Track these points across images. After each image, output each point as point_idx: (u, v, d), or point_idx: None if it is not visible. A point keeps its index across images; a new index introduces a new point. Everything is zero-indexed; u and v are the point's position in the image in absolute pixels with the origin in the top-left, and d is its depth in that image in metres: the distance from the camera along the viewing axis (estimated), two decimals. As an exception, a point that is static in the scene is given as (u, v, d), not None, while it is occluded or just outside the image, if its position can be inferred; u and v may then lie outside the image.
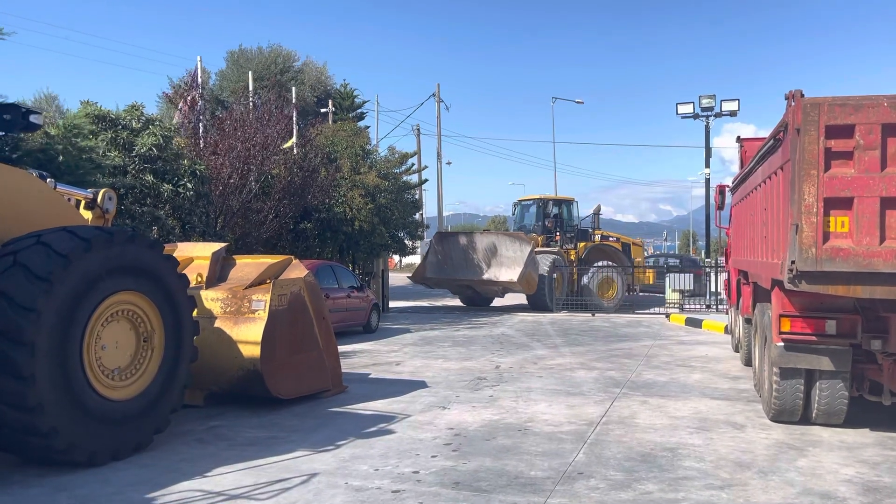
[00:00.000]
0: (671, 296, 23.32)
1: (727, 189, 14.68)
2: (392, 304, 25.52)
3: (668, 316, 21.24)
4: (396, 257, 32.28)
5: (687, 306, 23.00)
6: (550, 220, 24.84)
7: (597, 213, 25.45)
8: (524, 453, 6.70)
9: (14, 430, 5.72)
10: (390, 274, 33.32)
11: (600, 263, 23.99)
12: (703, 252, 32.50)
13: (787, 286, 6.70)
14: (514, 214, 26.78)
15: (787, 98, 6.71)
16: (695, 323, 19.11)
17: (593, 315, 21.80)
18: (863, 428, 7.67)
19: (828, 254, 6.39)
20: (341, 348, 13.99)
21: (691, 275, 23.48)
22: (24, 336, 5.56)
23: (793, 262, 6.51)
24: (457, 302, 26.00)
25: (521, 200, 26.46)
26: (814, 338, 7.23)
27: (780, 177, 7.27)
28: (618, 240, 26.77)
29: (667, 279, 23.88)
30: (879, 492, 5.67)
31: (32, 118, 6.04)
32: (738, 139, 13.43)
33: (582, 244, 24.85)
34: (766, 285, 8.18)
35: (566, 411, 8.52)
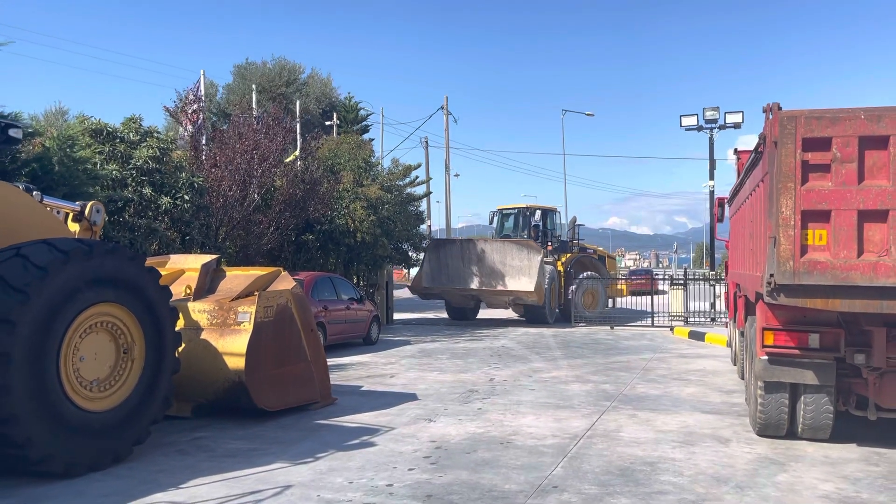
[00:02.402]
0: (676, 308, 23.17)
1: (726, 201, 14.62)
2: (397, 315, 25.51)
3: (672, 329, 21.12)
4: (406, 269, 32.21)
5: (692, 319, 22.84)
6: (533, 228, 24.23)
7: (573, 224, 25.11)
8: (502, 467, 6.68)
9: (-11, 440, 5.77)
10: (399, 286, 33.40)
11: (585, 275, 23.76)
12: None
13: (767, 299, 6.66)
14: (492, 223, 25.87)
15: (764, 111, 6.70)
16: (698, 336, 18.99)
17: (612, 328, 21.66)
18: (850, 443, 7.58)
19: (805, 267, 6.36)
20: (338, 360, 14.07)
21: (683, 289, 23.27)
22: (0, 346, 5.62)
23: (771, 275, 6.48)
24: (483, 314, 25.10)
25: (500, 209, 25.68)
26: (797, 351, 7.18)
27: (761, 189, 7.24)
28: (594, 252, 26.48)
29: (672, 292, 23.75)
30: (855, 508, 5.61)
31: (12, 132, 6.14)
32: (735, 151, 13.40)
33: (566, 255, 24.40)
34: (753, 298, 8.13)
35: (552, 424, 8.48)
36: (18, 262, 5.95)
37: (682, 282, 23.52)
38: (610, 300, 25.81)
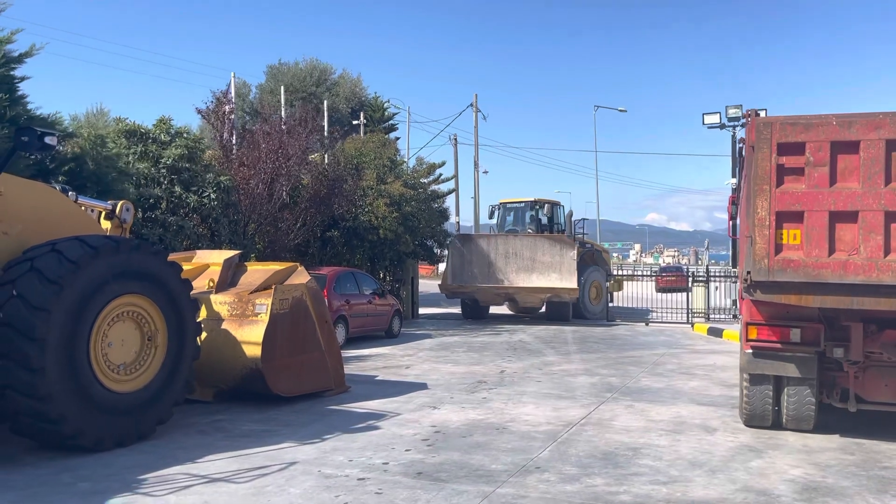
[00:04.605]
0: (698, 305, 23.32)
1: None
2: (422, 310, 26.00)
3: (692, 325, 21.36)
4: (431, 264, 32.61)
5: (716, 316, 22.96)
6: (536, 223, 23.88)
7: (570, 218, 24.95)
8: (493, 449, 7.17)
9: (27, 416, 6.44)
10: (427, 281, 33.94)
11: (589, 269, 23.54)
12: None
13: (744, 295, 7.04)
14: (491, 217, 25.05)
15: (744, 116, 7.06)
16: (716, 332, 19.22)
17: (647, 324, 21.91)
18: (833, 434, 7.90)
19: (779, 265, 6.72)
20: (358, 352, 14.67)
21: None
22: (36, 332, 6.28)
23: (748, 273, 6.86)
24: (494, 310, 24.62)
25: (503, 203, 24.98)
26: (779, 345, 7.54)
27: (744, 190, 7.61)
28: (592, 246, 26.36)
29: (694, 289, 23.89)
30: (817, 491, 5.97)
31: (47, 140, 6.78)
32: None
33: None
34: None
35: (550, 413, 8.94)
36: (53, 257, 6.60)
37: (704, 279, 23.68)
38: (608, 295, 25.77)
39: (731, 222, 16.39)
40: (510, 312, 25.05)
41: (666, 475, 6.35)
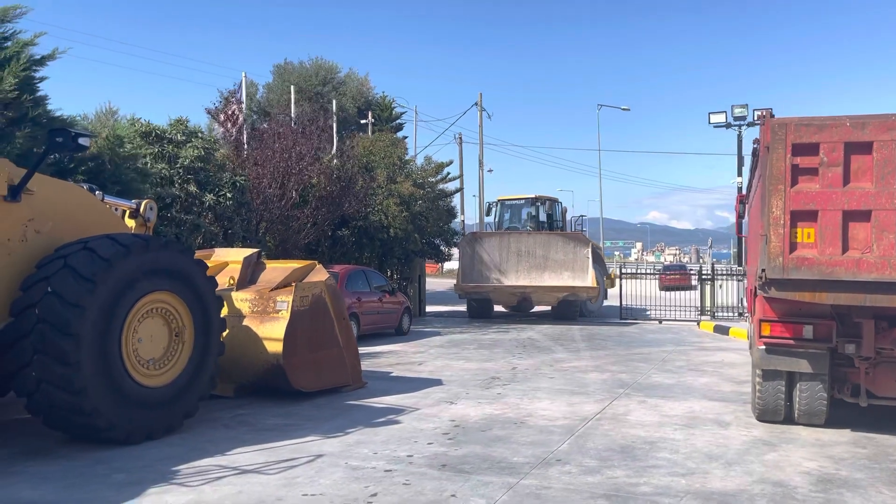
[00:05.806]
0: (704, 303, 23.49)
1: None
2: (430, 308, 26.22)
3: (698, 323, 21.52)
4: (438, 262, 32.74)
5: (720, 314, 23.13)
6: (533, 220, 23.80)
7: (564, 215, 24.76)
8: (513, 443, 7.34)
9: (62, 409, 6.62)
10: (432, 279, 34.13)
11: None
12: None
13: (759, 292, 7.20)
14: (490, 214, 24.83)
15: (759, 118, 7.22)
16: (722, 330, 19.40)
17: (660, 322, 22.05)
18: (844, 428, 8.07)
19: (794, 263, 6.88)
20: (370, 349, 14.85)
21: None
22: (72, 328, 6.46)
23: (763, 270, 7.02)
24: (497, 308, 24.27)
25: (501, 199, 24.77)
26: (792, 342, 7.70)
27: (758, 190, 7.77)
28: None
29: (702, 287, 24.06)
30: (832, 482, 6.14)
31: (81, 140, 6.95)
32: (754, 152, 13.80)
33: None
34: (755, 292, 8.65)
35: (565, 408, 9.11)
36: (86, 255, 6.77)
37: (709, 277, 23.85)
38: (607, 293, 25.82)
39: (739, 221, 16.62)
40: (506, 311, 24.67)
41: (684, 467, 6.52)
